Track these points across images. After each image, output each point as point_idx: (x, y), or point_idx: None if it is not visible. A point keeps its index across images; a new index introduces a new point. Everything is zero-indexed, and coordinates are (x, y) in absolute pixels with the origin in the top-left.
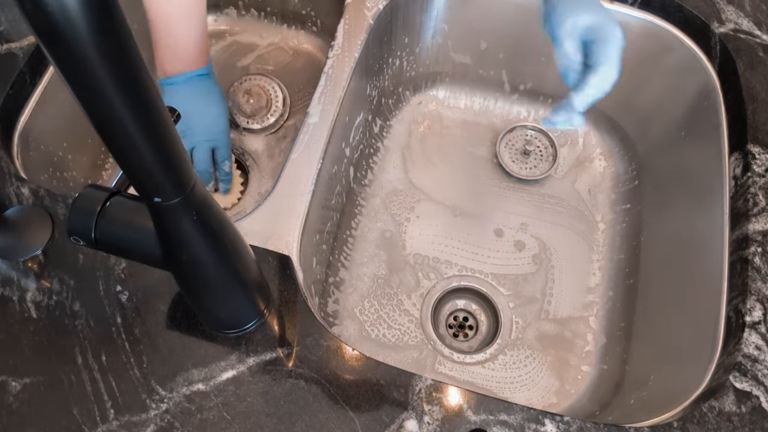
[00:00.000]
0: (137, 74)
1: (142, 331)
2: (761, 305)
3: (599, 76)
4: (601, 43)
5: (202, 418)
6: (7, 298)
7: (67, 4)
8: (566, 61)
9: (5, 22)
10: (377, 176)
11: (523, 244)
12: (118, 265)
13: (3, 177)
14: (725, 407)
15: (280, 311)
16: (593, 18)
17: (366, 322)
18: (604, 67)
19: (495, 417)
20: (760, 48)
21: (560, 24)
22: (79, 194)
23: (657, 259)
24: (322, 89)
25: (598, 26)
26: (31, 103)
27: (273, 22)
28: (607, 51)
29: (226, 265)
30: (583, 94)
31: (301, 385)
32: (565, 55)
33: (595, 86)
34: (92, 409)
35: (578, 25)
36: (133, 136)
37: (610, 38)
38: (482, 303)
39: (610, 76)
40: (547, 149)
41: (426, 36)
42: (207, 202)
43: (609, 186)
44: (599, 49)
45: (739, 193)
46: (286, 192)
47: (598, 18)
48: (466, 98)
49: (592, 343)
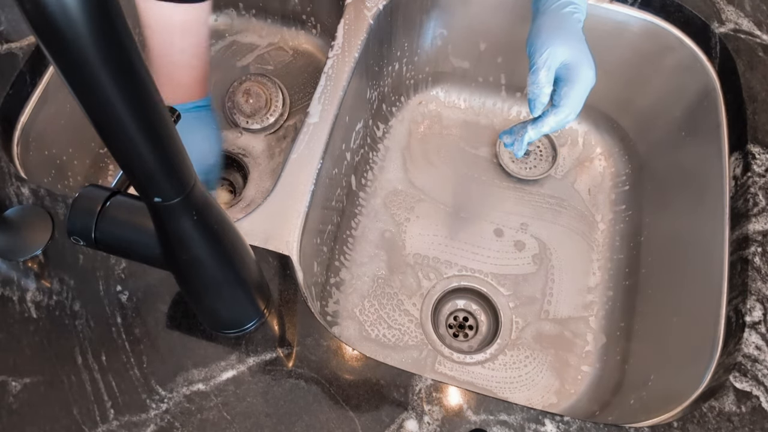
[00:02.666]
0: (137, 74)
1: (142, 331)
2: (761, 305)
3: (558, 117)
4: (571, 83)
5: (202, 418)
6: (7, 298)
7: (67, 4)
8: (536, 89)
9: (5, 22)
10: (377, 176)
11: (523, 244)
12: (118, 265)
13: (3, 177)
14: (725, 407)
15: (280, 311)
16: (570, 54)
17: (366, 322)
18: (565, 109)
19: (495, 417)
20: (760, 48)
21: (539, 51)
22: (79, 194)
23: (657, 259)
24: (322, 89)
25: (573, 64)
26: (31, 103)
27: (273, 22)
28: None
29: (226, 265)
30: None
31: (301, 385)
32: (537, 83)
33: (550, 125)
34: (92, 409)
35: (556, 57)
36: (133, 136)
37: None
38: (482, 303)
39: (568, 118)
40: (547, 149)
41: (426, 36)
42: (207, 202)
43: (609, 186)
44: (567, 90)
45: (739, 193)
46: (286, 192)
47: (575, 55)
48: (466, 98)
49: (592, 343)
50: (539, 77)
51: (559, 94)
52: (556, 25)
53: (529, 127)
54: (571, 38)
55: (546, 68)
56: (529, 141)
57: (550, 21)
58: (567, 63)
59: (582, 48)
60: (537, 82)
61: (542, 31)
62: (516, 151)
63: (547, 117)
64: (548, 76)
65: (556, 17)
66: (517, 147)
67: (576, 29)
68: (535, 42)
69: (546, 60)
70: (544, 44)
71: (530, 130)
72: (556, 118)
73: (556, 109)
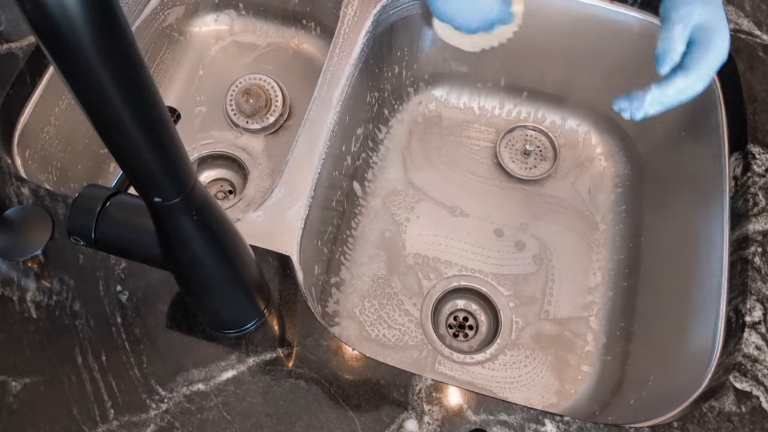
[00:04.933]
0: (137, 74)
1: (142, 331)
2: (761, 305)
3: (688, 80)
4: (705, 48)
5: (202, 418)
6: (7, 298)
7: (67, 4)
8: (668, 44)
9: (5, 22)
10: (377, 176)
11: (523, 244)
12: (118, 265)
13: (3, 177)
14: (725, 407)
15: (280, 311)
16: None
17: (366, 322)
18: (695, 74)
19: (495, 417)
20: (760, 48)
21: (677, 7)
22: (79, 194)
23: (657, 259)
24: (322, 89)
25: (710, 28)
26: (31, 103)
27: (273, 22)
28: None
29: (226, 265)
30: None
31: (301, 385)
32: (670, 38)
33: (677, 89)
34: (92, 409)
35: (693, 16)
36: (133, 136)
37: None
38: (482, 303)
39: (696, 86)
40: (547, 149)
41: (426, 37)
42: (207, 202)
43: (609, 186)
44: (700, 54)
45: (739, 193)
46: (286, 192)
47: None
48: (466, 98)
49: (592, 343)
50: (674, 32)
51: (691, 56)
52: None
53: (654, 85)
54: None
55: (683, 24)
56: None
57: None
58: (704, 26)
59: (721, 15)
60: (670, 37)
61: None
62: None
63: (675, 78)
64: (683, 33)
65: None
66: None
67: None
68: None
69: (683, 16)
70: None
71: (655, 89)
72: (686, 80)
73: (685, 71)
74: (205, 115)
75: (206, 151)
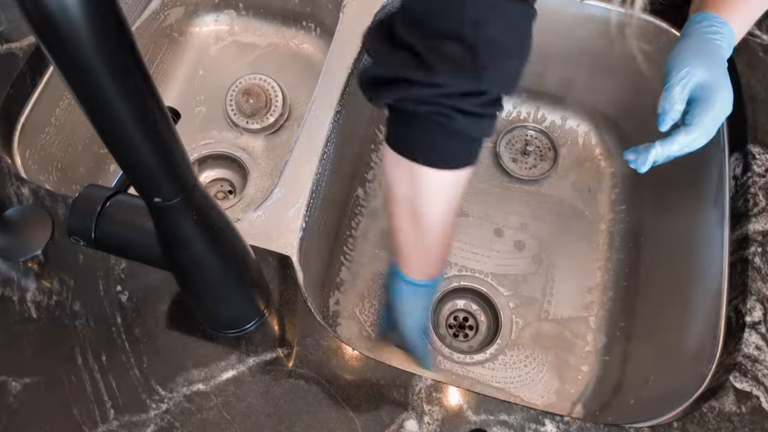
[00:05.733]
0: (137, 74)
1: (142, 331)
2: (761, 305)
3: (690, 136)
4: (706, 104)
5: (202, 418)
6: (7, 298)
7: (67, 4)
8: (667, 105)
9: (5, 22)
10: (377, 176)
11: (523, 244)
12: (118, 265)
13: (3, 177)
14: (725, 407)
15: (280, 311)
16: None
17: (366, 322)
18: (697, 129)
19: (495, 417)
20: (760, 48)
21: (677, 68)
22: (79, 194)
23: (657, 259)
24: (322, 89)
25: (710, 87)
26: (31, 103)
27: (273, 22)
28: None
29: (226, 265)
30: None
31: (301, 385)
32: (669, 98)
33: (680, 145)
34: (92, 409)
35: (693, 77)
36: (133, 136)
37: (717, 103)
38: (482, 303)
39: (699, 140)
40: (547, 149)
41: None
42: (207, 202)
43: (609, 186)
44: (701, 111)
45: (739, 193)
46: (286, 192)
47: (714, 79)
48: None
49: (592, 343)
50: (673, 93)
51: (692, 113)
52: (700, 48)
53: (658, 143)
54: (713, 63)
55: (681, 86)
56: (655, 158)
57: (694, 44)
58: (704, 85)
59: (722, 74)
60: (670, 98)
61: (683, 51)
62: (639, 165)
63: (677, 135)
64: (682, 94)
65: (701, 41)
66: (641, 161)
67: (719, 56)
68: (675, 60)
69: (682, 78)
70: (683, 62)
71: (658, 146)
72: (688, 137)
73: (688, 128)
74: (205, 115)
75: (206, 151)
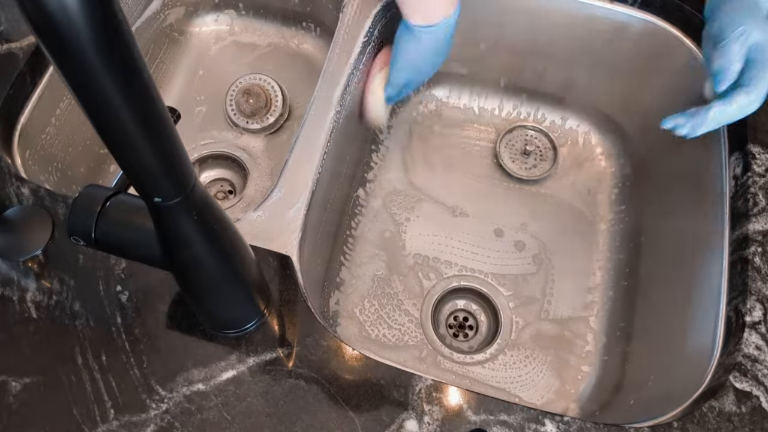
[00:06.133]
0: (137, 74)
1: (142, 331)
2: (761, 305)
3: (749, 97)
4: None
5: (202, 418)
6: (7, 298)
7: (67, 4)
8: (725, 62)
9: (5, 22)
10: (377, 176)
11: (523, 244)
12: (118, 265)
13: (3, 177)
14: (725, 407)
15: (280, 311)
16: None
17: (366, 322)
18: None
19: (495, 417)
20: None
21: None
22: (79, 194)
23: (657, 259)
24: (322, 89)
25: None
26: (31, 103)
27: (273, 22)
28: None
29: (226, 265)
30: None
31: (301, 385)
32: (727, 55)
33: (739, 106)
34: (92, 409)
35: (750, 36)
36: (133, 136)
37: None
38: (482, 303)
39: (755, 104)
40: (547, 149)
41: None
42: (207, 202)
43: (609, 186)
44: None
45: (739, 193)
46: (286, 192)
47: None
48: (466, 99)
49: (592, 343)
50: (731, 49)
51: (749, 75)
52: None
53: (717, 101)
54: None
55: (740, 43)
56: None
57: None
58: (761, 45)
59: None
60: (728, 54)
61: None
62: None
63: (737, 95)
64: (741, 51)
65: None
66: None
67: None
68: (724, 19)
69: (740, 35)
70: (735, 22)
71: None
72: (748, 98)
73: (747, 88)
74: (205, 115)
75: (206, 151)
